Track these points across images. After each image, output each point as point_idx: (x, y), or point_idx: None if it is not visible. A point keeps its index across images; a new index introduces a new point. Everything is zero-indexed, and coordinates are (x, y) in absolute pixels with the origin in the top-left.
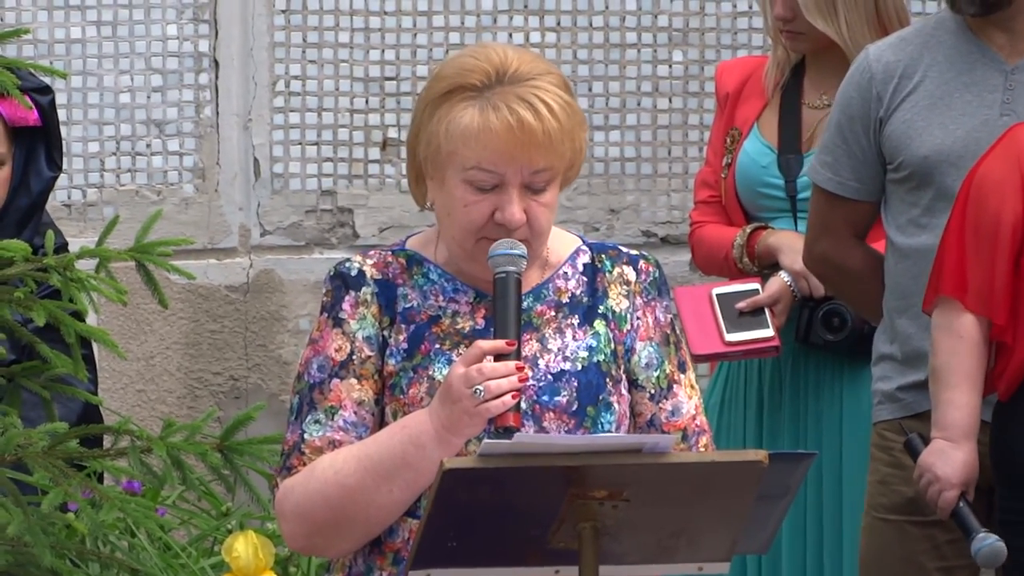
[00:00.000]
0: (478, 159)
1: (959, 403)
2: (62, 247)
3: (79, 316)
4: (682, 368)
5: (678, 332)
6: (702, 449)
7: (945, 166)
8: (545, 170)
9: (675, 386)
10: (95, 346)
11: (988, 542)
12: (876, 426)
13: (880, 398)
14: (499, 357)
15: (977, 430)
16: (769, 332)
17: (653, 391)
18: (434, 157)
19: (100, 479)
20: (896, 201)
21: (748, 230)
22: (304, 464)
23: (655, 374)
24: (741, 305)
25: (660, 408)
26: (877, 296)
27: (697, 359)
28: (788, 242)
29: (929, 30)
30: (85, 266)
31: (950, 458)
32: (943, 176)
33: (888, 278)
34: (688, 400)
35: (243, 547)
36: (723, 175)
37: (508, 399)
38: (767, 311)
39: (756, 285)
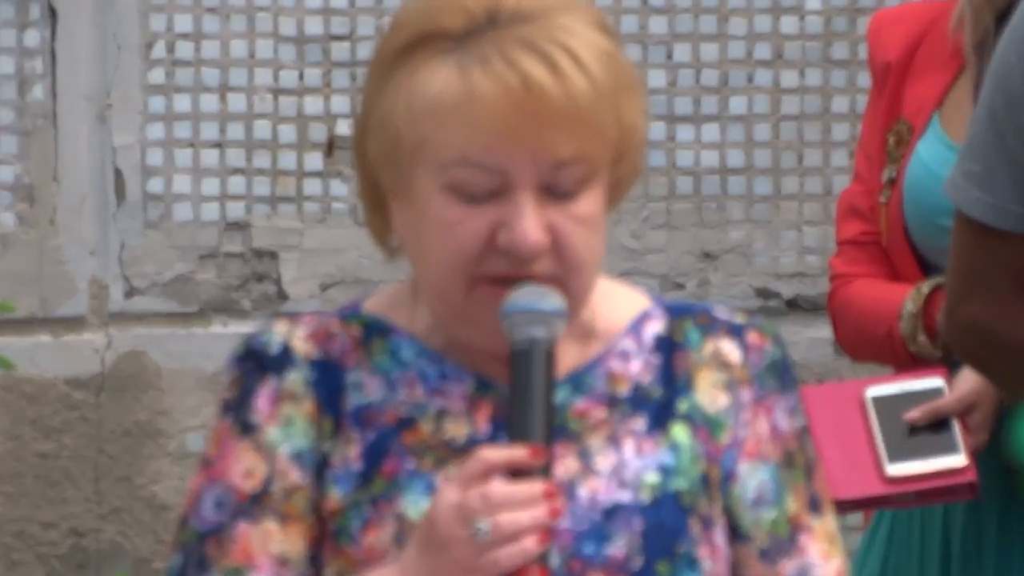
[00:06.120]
0: (462, 148)
1: None
2: None
3: None
4: (815, 507)
5: (809, 450)
6: None
7: None
8: (575, 161)
9: (802, 536)
10: None
11: None
12: None
13: None
14: (517, 476)
15: None
16: (960, 459)
17: (766, 544)
18: (392, 153)
19: None
20: None
21: (925, 289)
22: None
23: (770, 516)
24: (914, 415)
25: (777, 572)
26: None
27: (842, 507)
28: None
29: None
30: None
31: None
32: None
33: None
34: (824, 561)
35: None
36: (884, 198)
37: (531, 544)
38: (956, 424)
39: (940, 381)
